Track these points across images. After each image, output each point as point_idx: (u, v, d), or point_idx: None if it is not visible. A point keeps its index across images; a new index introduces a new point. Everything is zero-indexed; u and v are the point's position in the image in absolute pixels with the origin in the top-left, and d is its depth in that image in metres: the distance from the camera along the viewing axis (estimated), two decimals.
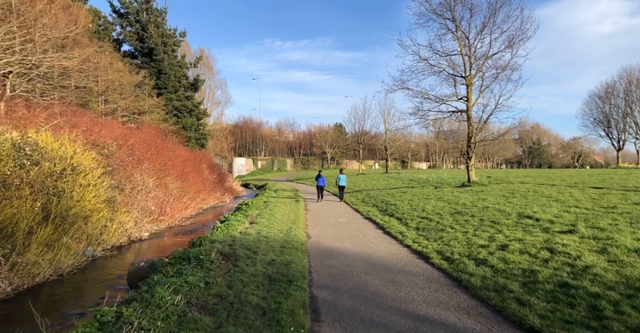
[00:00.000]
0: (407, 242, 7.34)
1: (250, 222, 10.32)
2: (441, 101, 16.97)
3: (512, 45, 15.41)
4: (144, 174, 14.48)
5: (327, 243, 7.48)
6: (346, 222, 10.53)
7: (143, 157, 15.22)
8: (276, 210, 13.26)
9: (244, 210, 13.43)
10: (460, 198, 12.09)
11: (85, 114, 13.78)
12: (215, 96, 44.28)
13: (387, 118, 38.20)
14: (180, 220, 15.18)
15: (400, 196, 14.80)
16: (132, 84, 24.93)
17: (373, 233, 8.76)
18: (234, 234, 7.96)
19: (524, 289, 4.20)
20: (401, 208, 11.60)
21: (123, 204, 11.18)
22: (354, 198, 16.97)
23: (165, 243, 11.17)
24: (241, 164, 55.41)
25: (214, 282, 4.59)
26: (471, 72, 16.04)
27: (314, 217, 11.70)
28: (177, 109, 32.17)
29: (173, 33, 34.24)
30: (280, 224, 9.75)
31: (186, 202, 17.95)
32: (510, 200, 10.58)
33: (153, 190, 14.78)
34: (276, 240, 7.35)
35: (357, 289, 4.63)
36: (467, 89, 16.12)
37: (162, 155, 17.93)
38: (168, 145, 20.52)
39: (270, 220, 10.57)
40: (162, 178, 16.31)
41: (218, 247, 6.55)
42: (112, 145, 12.43)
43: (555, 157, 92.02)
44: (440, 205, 11.02)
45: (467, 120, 16.23)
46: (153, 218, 13.47)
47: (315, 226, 9.85)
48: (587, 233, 5.91)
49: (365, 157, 68.20)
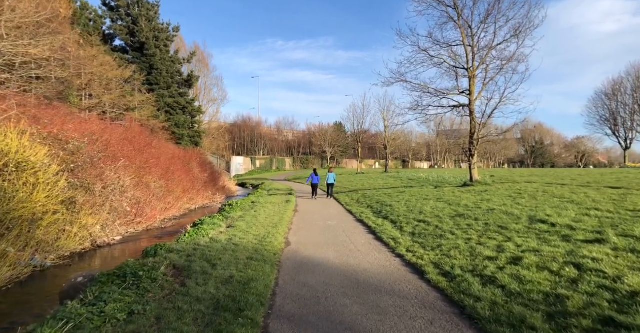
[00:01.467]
0: (399, 251, 6.24)
1: (227, 226, 9.24)
2: (442, 95, 15.83)
3: (518, 35, 14.27)
4: (121, 172, 13.42)
5: (306, 253, 6.38)
6: (335, 226, 9.43)
7: (121, 154, 14.16)
8: (262, 211, 12.18)
9: (226, 211, 12.36)
10: (462, 198, 10.97)
11: (57, 108, 12.73)
12: (211, 93, 43.23)
13: (386, 115, 37.07)
14: (161, 222, 14.13)
15: (397, 196, 13.68)
16: (121, 79, 23.89)
17: (363, 239, 7.66)
18: (201, 241, 6.88)
19: (551, 325, 3.09)
20: (397, 210, 10.49)
21: (89, 205, 10.11)
22: (348, 199, 15.87)
23: (137, 248, 10.10)
24: (239, 163, 54.32)
25: (142, 311, 3.50)
26: (474, 64, 14.90)
27: (302, 219, 10.61)
28: (170, 105, 31.10)
29: (166, 28, 33.18)
30: (259, 228, 8.66)
31: (170, 202, 16.90)
32: (518, 201, 9.45)
33: (131, 190, 13.72)
34: (246, 249, 6.25)
35: (329, 320, 3.53)
36: (469, 81, 14.98)
37: (145, 152, 16.87)
38: (153, 142, 19.45)
39: (251, 223, 9.48)
40: (143, 177, 15.25)
41: (173, 259, 5.46)
42: (79, 140, 11.36)
43: (558, 156, 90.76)
44: (439, 207, 9.91)
45: (469, 115, 15.09)
46: (128, 220, 12.41)
47: (299, 230, 8.76)
48: (620, 244, 4.78)
49: (366, 157, 67.05)
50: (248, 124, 65.79)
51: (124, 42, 30.33)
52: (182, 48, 38.79)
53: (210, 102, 43.23)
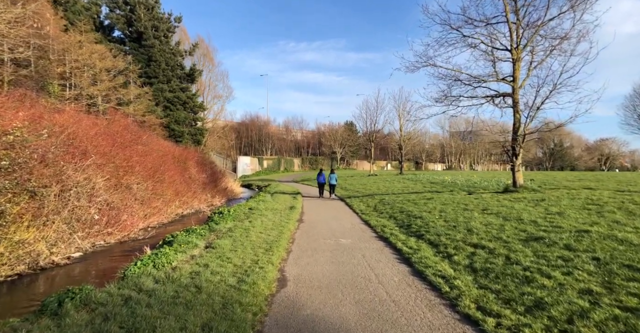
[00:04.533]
0: (464, 307, 3.73)
1: (205, 246, 6.82)
2: (477, 83, 13.22)
3: (575, 7, 11.60)
4: (91, 171, 11.17)
5: (309, 304, 3.92)
6: (350, 246, 6.94)
7: (95, 150, 11.92)
8: (258, 222, 9.76)
9: (214, 221, 9.97)
10: (517, 210, 8.36)
11: (10, 94, 10.51)
12: (216, 89, 41.07)
13: (402, 113, 34.38)
14: (141, 231, 11.85)
15: (426, 204, 11.12)
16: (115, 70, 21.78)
17: (394, 273, 5.16)
18: (147, 282, 4.46)
19: None
20: (432, 225, 7.95)
21: (33, 215, 7.82)
22: (363, 205, 13.37)
23: (96, 269, 7.80)
24: (246, 163, 52.13)
25: None
26: (519, 44, 12.26)
27: (306, 235, 8.15)
28: (169, 100, 29.02)
29: (168, 18, 31.17)
30: (247, 251, 6.22)
31: (158, 206, 14.64)
32: (607, 216, 6.82)
33: (105, 193, 11.46)
34: (211, 299, 3.81)
35: None
36: (513, 66, 12.32)
37: (129, 149, 14.64)
38: (143, 138, 17.23)
39: (239, 241, 7.06)
40: (122, 178, 12.99)
41: (74, 325, 3.05)
42: (36, 131, 9.11)
43: (578, 159, 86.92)
44: (493, 222, 7.33)
45: (512, 107, 12.44)
46: (95, 230, 10.14)
47: (302, 254, 6.29)
48: None
49: (377, 158, 64.21)
50: (256, 122, 63.59)
51: (121, 32, 28.38)
52: (185, 41, 36.79)
53: (215, 98, 41.10)
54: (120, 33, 29.05)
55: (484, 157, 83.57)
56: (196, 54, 38.21)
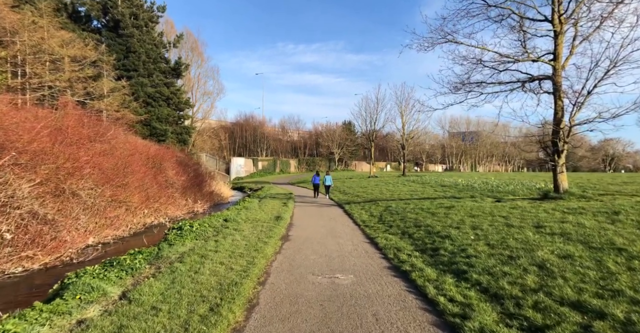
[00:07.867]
0: None
1: (120, 296, 4.25)
2: (504, 64, 10.72)
3: None
4: (12, 175, 8.58)
5: None
6: (354, 293, 4.38)
7: (20, 147, 9.33)
8: (227, 242, 7.20)
9: (169, 241, 7.37)
10: (589, 228, 5.83)
11: None
12: (205, 86, 38.49)
13: (404, 110, 31.80)
14: (90, 249, 9.29)
15: (448, 215, 8.56)
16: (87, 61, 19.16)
17: None
18: None
19: None
20: (471, 251, 5.40)
21: None
22: (366, 214, 10.82)
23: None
24: (240, 165, 49.40)
25: None
26: (560, 12, 9.76)
27: (288, 266, 5.57)
28: (150, 96, 26.40)
29: (150, 7, 28.62)
30: (177, 313, 3.66)
31: (118, 216, 12.11)
32: None
33: (32, 202, 8.87)
34: None
35: None
36: (555, 40, 9.81)
37: (80, 147, 12.05)
38: (107, 135, 14.62)
39: (177, 287, 4.50)
40: (65, 182, 10.40)
41: None
42: None
43: (581, 160, 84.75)
44: (571, 251, 4.79)
45: (553, 93, 9.94)
46: (9, 252, 7.57)
47: (271, 317, 3.73)
48: None
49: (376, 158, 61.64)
50: (250, 122, 60.83)
51: (97, 20, 25.80)
52: (171, 34, 34.19)
53: (205, 95, 38.52)
54: (97, 23, 26.50)
55: (485, 158, 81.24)
56: (184, 47, 35.70)
